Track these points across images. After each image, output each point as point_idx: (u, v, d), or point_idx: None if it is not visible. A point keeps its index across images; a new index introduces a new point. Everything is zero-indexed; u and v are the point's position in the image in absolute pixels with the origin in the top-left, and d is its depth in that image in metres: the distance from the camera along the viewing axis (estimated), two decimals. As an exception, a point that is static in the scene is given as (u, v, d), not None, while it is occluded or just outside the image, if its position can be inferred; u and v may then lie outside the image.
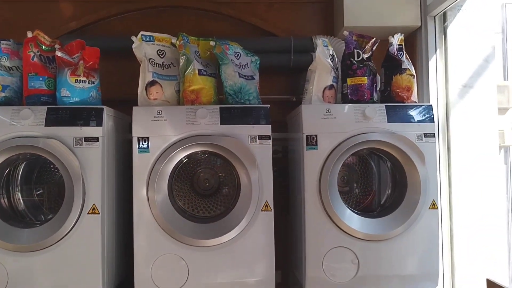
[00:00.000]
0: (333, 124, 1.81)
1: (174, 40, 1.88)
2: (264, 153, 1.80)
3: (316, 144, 1.80)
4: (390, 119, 1.82)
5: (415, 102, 1.91)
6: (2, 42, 1.81)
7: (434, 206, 1.83)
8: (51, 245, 1.69)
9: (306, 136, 1.81)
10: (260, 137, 1.80)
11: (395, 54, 1.87)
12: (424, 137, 1.83)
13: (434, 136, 1.84)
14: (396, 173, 1.94)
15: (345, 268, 1.80)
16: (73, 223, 1.69)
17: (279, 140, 2.22)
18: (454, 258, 2.13)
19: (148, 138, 1.76)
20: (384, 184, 2.06)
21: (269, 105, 1.84)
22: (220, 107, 1.81)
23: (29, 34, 1.80)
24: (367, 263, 1.80)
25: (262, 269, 1.79)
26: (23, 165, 1.92)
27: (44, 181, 1.97)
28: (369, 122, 1.81)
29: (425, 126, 1.84)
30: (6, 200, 1.85)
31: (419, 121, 1.84)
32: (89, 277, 1.71)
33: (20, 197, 1.93)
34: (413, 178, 1.81)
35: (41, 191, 1.99)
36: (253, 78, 1.93)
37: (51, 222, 1.72)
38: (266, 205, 1.80)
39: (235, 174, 1.85)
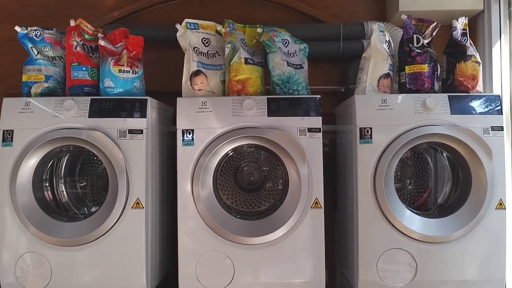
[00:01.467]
0: (390, 116, 1.67)
1: (219, 28, 1.79)
2: (314, 146, 1.69)
3: (371, 138, 1.68)
4: (454, 111, 1.67)
5: (480, 92, 1.74)
6: (45, 31, 1.78)
7: (501, 206, 1.67)
8: (95, 240, 1.65)
9: (360, 128, 1.68)
10: (310, 130, 1.69)
11: (459, 39, 1.71)
12: (491, 130, 1.67)
13: (502, 130, 1.68)
14: (458, 169, 1.78)
15: (402, 272, 1.68)
16: (116, 218, 1.64)
17: (327, 133, 2.08)
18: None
19: (192, 130, 1.68)
20: (441, 181, 1.91)
21: (319, 96, 1.72)
22: (267, 98, 1.71)
23: (72, 23, 1.75)
24: (426, 266, 1.67)
25: (311, 269, 1.69)
26: (66, 157, 1.89)
27: (87, 173, 1.95)
28: (430, 114, 1.67)
29: (492, 119, 1.68)
30: (49, 192, 1.82)
31: (485, 113, 1.68)
32: (132, 272, 1.67)
33: (64, 189, 1.90)
34: (479, 176, 1.65)
35: (84, 184, 1.96)
36: (302, 67, 1.81)
37: (94, 216, 1.68)
38: (316, 202, 1.69)
39: (283, 169, 1.75)
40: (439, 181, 1.92)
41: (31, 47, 1.75)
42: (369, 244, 1.69)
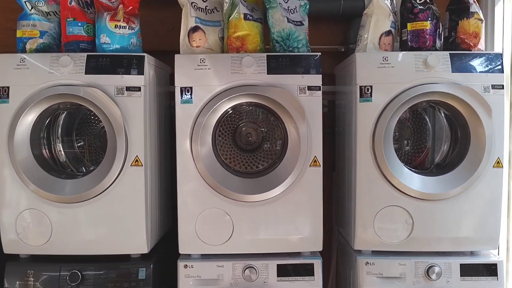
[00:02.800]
0: (391, 74, 1.66)
1: (217, -19, 1.74)
2: (313, 105, 1.68)
3: (371, 96, 1.67)
4: (455, 69, 1.66)
5: (482, 50, 1.72)
6: (39, -15, 1.72)
7: (499, 164, 1.68)
8: (94, 197, 1.66)
9: (360, 87, 1.67)
10: (310, 88, 1.67)
11: (463, -5, 1.68)
12: (492, 88, 1.66)
13: (503, 88, 1.67)
14: (456, 129, 1.78)
15: (398, 229, 1.70)
16: (116, 175, 1.64)
17: (326, 94, 2.07)
18: (510, 221, 1.99)
19: (191, 88, 1.66)
20: (439, 141, 1.91)
21: (319, 53, 1.70)
22: (267, 55, 1.68)
23: (66, -24, 1.70)
24: (422, 223, 1.69)
25: (308, 226, 1.72)
26: (63, 115, 1.87)
27: (85, 132, 1.93)
28: (431, 71, 1.65)
29: (493, 77, 1.67)
30: (47, 151, 1.81)
31: (486, 71, 1.67)
32: (132, 229, 1.68)
33: (62, 149, 1.89)
34: (477, 134, 1.66)
35: (82, 143, 1.95)
36: (302, 24, 1.78)
37: (94, 173, 1.68)
38: (315, 160, 1.69)
39: (282, 129, 1.74)
40: (437, 141, 1.92)
41: (25, 2, 1.71)
42: (367, 202, 1.71)
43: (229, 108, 1.71)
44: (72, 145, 1.94)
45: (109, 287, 1.65)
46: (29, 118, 1.64)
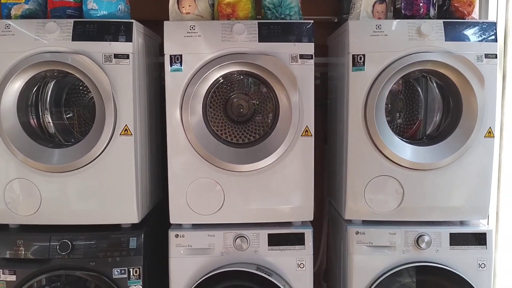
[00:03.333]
0: (384, 43, 1.64)
1: None
2: (305, 74, 1.66)
3: (364, 65, 1.65)
4: (448, 37, 1.64)
5: (476, 19, 1.70)
6: None
7: (490, 134, 1.68)
8: (83, 166, 1.64)
9: (353, 55, 1.65)
10: (302, 57, 1.65)
11: (458, -38, 1.65)
12: (485, 58, 1.65)
13: (496, 57, 1.65)
14: (449, 99, 1.78)
15: (388, 198, 1.71)
16: (105, 144, 1.62)
17: (318, 66, 2.04)
18: (500, 191, 2.00)
19: (181, 55, 1.63)
20: (431, 113, 1.90)
21: (312, 21, 1.67)
22: (258, 23, 1.65)
23: None
24: (412, 193, 1.70)
25: (300, 196, 1.72)
26: (51, 86, 1.83)
27: (73, 103, 1.90)
28: (424, 40, 1.63)
29: (487, 46, 1.65)
30: (35, 121, 1.78)
31: (480, 40, 1.65)
32: (123, 199, 1.67)
33: (50, 120, 1.86)
34: (470, 103, 1.65)
35: (71, 115, 1.92)
36: (295, -9, 1.74)
37: (83, 142, 1.65)
38: (307, 130, 1.68)
39: (274, 98, 1.73)
40: (429, 113, 1.92)
41: (9, -34, 1.65)
42: (358, 172, 1.70)
43: (219, 77, 1.68)
44: (61, 117, 1.91)
45: (100, 256, 1.64)
46: (16, 86, 1.60)
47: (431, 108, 1.90)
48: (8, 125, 1.60)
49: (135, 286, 1.65)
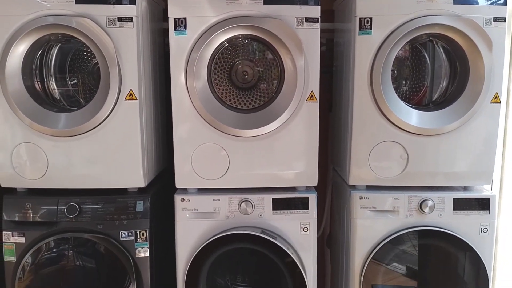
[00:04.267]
0: (391, 6, 1.61)
1: None
2: (311, 37, 1.64)
3: (370, 29, 1.63)
4: (456, 0, 1.61)
5: (486, -18, 1.67)
6: None
7: (496, 99, 1.67)
8: (89, 131, 1.65)
9: (360, 19, 1.63)
10: (308, 20, 1.63)
11: None
12: (494, 21, 1.62)
13: (505, 21, 1.63)
14: (456, 64, 1.76)
15: (393, 163, 1.71)
16: (110, 109, 1.63)
17: (324, 32, 2.02)
18: (505, 158, 2.00)
19: (185, 19, 1.61)
20: (437, 80, 1.88)
21: (318, -17, 1.64)
22: (263, -15, 1.62)
23: None
24: (417, 159, 1.70)
25: (304, 161, 1.73)
26: (55, 51, 1.82)
27: (78, 70, 1.89)
28: (432, 3, 1.60)
29: (496, 9, 1.62)
30: (40, 87, 1.78)
31: (489, 4, 1.62)
32: (129, 163, 1.68)
33: (55, 87, 1.86)
34: (477, 67, 1.63)
35: (75, 81, 1.91)
36: (301, -48, 1.70)
37: (88, 107, 1.66)
38: (312, 95, 1.68)
39: (278, 62, 1.71)
40: (435, 80, 1.90)
41: None
42: (363, 137, 1.70)
43: (224, 41, 1.67)
44: (65, 83, 1.90)
45: (107, 219, 1.67)
46: (20, 49, 1.60)
47: (438, 75, 1.88)
48: (14, 89, 1.61)
49: (142, 248, 1.68)
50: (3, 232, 1.67)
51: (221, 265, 1.77)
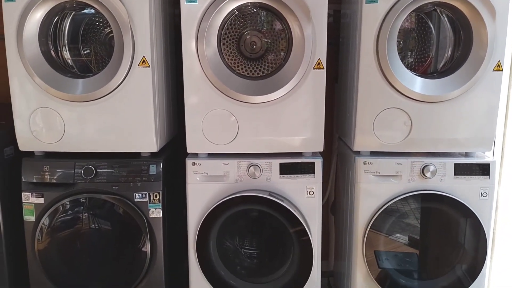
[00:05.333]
0: (397, -26, 1.64)
1: None
2: (319, 4, 1.68)
3: (377, -3, 1.66)
4: (462, -33, 1.64)
5: (490, -50, 1.69)
6: None
7: (499, 67, 1.71)
8: (104, 96, 1.71)
9: (366, -13, 1.66)
10: (315, -13, 1.67)
11: None
12: (497, -11, 1.65)
13: (509, -11, 1.66)
14: (460, 32, 1.79)
15: (397, 130, 1.77)
16: (124, 75, 1.68)
17: (331, 3, 2.05)
18: (507, 125, 2.05)
19: (196, -13, 1.66)
20: (442, 50, 1.92)
21: None
22: (272, -48, 1.66)
23: None
24: (420, 125, 1.75)
25: (311, 127, 1.78)
26: (68, 21, 1.87)
27: (90, 40, 1.94)
28: (438, -30, 1.64)
29: (500, -22, 1.65)
30: (55, 54, 1.84)
31: (493, -28, 1.65)
32: (142, 128, 1.75)
33: (69, 57, 1.92)
34: (480, 35, 1.67)
35: (88, 51, 1.97)
36: None
37: (102, 73, 1.71)
38: (319, 63, 1.72)
39: (286, 30, 1.76)
40: (440, 51, 1.94)
41: None
42: (368, 104, 1.75)
43: (234, 8, 1.71)
44: (79, 53, 1.96)
45: (121, 181, 1.74)
46: (37, 16, 1.65)
47: (442, 46, 1.91)
48: (31, 54, 1.67)
49: (155, 209, 1.76)
50: (23, 192, 1.75)
51: (230, 228, 1.86)
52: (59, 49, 1.87)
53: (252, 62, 1.87)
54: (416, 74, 1.78)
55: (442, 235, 1.88)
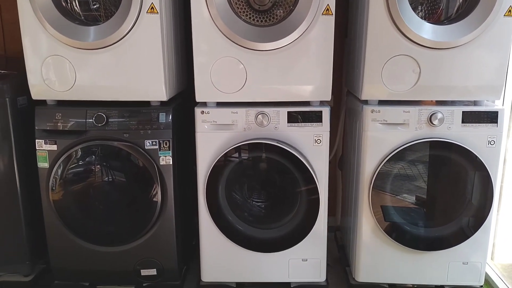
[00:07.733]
0: None
1: None
2: (328, -50, 1.66)
3: None
4: None
5: None
6: None
7: (510, 13, 1.68)
8: (114, 44, 1.72)
9: None
10: None
11: None
12: None
13: None
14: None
15: (405, 77, 1.76)
16: (133, 22, 1.70)
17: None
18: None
19: None
20: (453, 2, 1.90)
21: None
22: None
23: None
24: (429, 72, 1.74)
25: (319, 76, 1.79)
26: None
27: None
28: None
29: None
30: (65, 5, 1.85)
31: None
32: (151, 77, 1.76)
33: (79, 11, 1.92)
34: (492, -21, 1.64)
35: (97, 5, 1.97)
36: None
37: (112, 20, 1.72)
38: (328, 9, 1.72)
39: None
40: (451, 2, 1.91)
41: None
42: (377, 52, 1.74)
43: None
44: (88, 8, 1.96)
45: (132, 129, 1.78)
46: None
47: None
48: (42, 2, 1.68)
49: (165, 156, 1.80)
50: (36, 140, 1.79)
51: (238, 176, 1.89)
52: (68, 1, 1.88)
53: (261, 14, 1.87)
54: (425, 21, 1.76)
55: (449, 183, 1.89)
